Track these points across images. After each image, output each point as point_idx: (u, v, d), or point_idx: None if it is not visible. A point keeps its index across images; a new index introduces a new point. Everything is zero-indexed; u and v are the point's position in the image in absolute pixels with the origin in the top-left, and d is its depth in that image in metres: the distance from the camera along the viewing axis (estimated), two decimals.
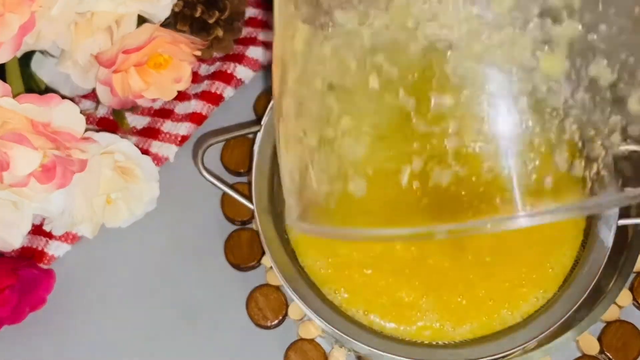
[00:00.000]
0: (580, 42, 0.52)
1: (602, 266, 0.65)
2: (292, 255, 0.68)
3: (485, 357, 0.64)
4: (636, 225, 0.68)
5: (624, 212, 0.68)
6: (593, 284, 0.65)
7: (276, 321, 0.70)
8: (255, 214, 0.68)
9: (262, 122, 0.71)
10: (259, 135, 0.70)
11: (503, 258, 0.67)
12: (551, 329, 0.64)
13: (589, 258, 0.66)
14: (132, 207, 0.72)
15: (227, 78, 0.78)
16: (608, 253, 0.66)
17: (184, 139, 0.77)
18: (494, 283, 0.66)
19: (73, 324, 0.72)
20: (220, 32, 0.76)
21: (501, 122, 0.52)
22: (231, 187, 0.70)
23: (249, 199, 0.69)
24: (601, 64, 0.52)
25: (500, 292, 0.66)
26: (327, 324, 0.65)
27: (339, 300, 0.67)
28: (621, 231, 0.68)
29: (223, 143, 0.76)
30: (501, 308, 0.66)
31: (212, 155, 0.76)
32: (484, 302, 0.66)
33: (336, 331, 0.65)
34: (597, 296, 0.67)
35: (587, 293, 0.65)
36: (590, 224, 0.67)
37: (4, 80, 0.66)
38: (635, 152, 0.53)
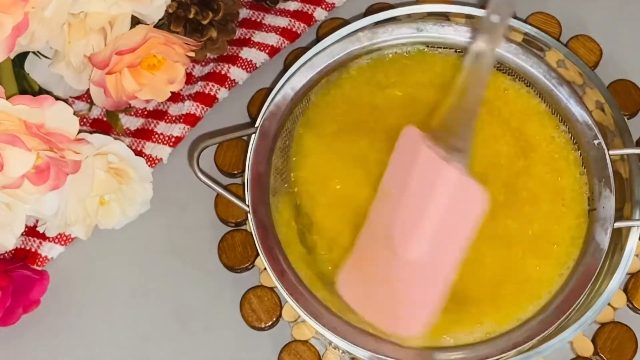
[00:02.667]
0: None
1: (598, 269, 0.66)
2: (285, 257, 0.68)
3: (480, 359, 0.64)
4: (630, 227, 0.68)
5: (620, 215, 0.68)
6: (588, 287, 0.65)
7: (270, 322, 0.70)
8: (250, 215, 0.68)
9: (257, 124, 0.71)
10: (254, 137, 0.70)
11: (497, 265, 0.67)
12: (545, 332, 0.64)
13: (584, 261, 0.66)
14: (125, 208, 0.72)
15: (220, 79, 0.78)
16: (603, 256, 0.66)
17: (178, 140, 0.77)
18: (488, 289, 0.66)
19: (66, 326, 0.72)
20: (214, 33, 0.76)
21: None
22: (226, 188, 0.70)
23: (243, 200, 0.69)
24: None
25: (496, 298, 0.66)
26: (321, 326, 0.65)
27: (333, 301, 0.67)
28: (616, 233, 0.68)
29: (217, 145, 0.76)
30: (497, 313, 0.66)
31: (206, 156, 0.76)
32: (480, 308, 0.66)
33: (330, 333, 0.65)
34: (591, 297, 0.67)
35: (582, 296, 0.65)
36: (587, 227, 0.68)
37: None
38: None
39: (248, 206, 0.68)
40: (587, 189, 0.69)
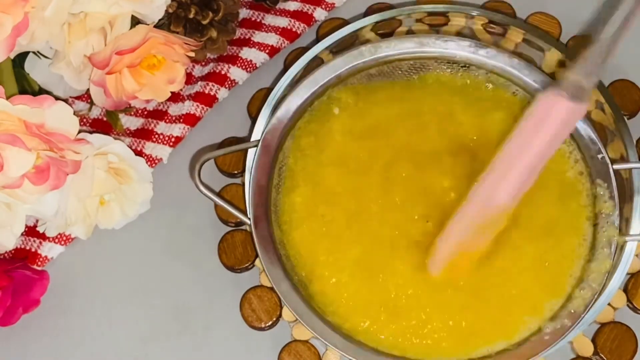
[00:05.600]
0: None
1: (604, 281, 0.66)
2: (287, 268, 0.68)
3: None
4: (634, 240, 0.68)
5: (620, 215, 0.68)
6: (595, 298, 0.66)
7: (270, 322, 0.70)
8: (252, 228, 0.68)
9: (259, 138, 0.70)
10: (257, 151, 0.70)
11: (504, 286, 0.67)
12: (547, 348, 0.65)
13: (589, 279, 0.66)
14: (125, 208, 0.72)
15: (220, 79, 0.78)
16: (609, 268, 0.66)
17: (178, 140, 0.77)
18: (496, 311, 0.67)
19: (67, 326, 0.72)
20: (214, 33, 0.76)
21: None
22: (229, 202, 0.70)
23: (245, 212, 0.69)
24: None
25: (503, 317, 0.66)
26: (316, 332, 0.65)
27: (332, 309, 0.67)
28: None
29: (217, 144, 0.76)
30: (502, 331, 0.66)
31: None
32: (486, 327, 0.66)
33: (324, 342, 0.65)
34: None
35: (586, 311, 0.65)
36: (592, 239, 0.68)
37: None
38: None
39: (250, 219, 0.69)
40: (591, 201, 0.69)
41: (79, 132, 0.66)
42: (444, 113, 0.72)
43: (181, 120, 0.77)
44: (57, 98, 0.66)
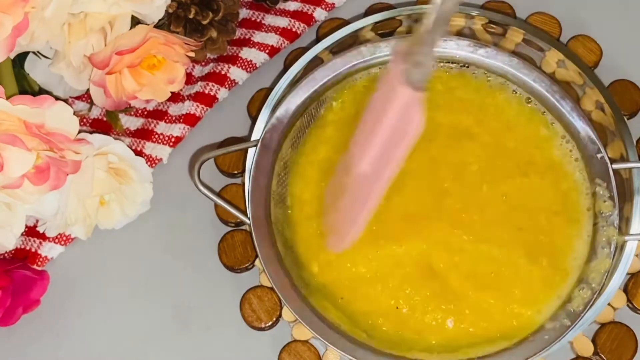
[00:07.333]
0: None
1: (603, 282, 0.66)
2: (287, 269, 0.68)
3: None
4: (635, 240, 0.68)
5: (620, 215, 0.68)
6: (593, 300, 0.66)
7: (270, 323, 0.70)
8: (251, 228, 0.68)
9: (259, 137, 0.70)
10: (256, 150, 0.70)
11: (503, 285, 0.67)
12: (547, 347, 0.65)
13: (588, 278, 0.66)
14: (125, 208, 0.72)
15: (220, 79, 0.78)
16: (609, 268, 0.66)
17: (178, 140, 0.77)
18: (495, 310, 0.67)
19: (66, 326, 0.72)
20: (214, 33, 0.76)
21: None
22: (228, 202, 0.70)
23: (244, 212, 0.69)
24: None
25: (500, 316, 0.67)
26: (327, 343, 0.65)
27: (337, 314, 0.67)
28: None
29: (217, 144, 0.76)
30: (501, 330, 0.66)
31: None
32: (485, 326, 0.66)
33: (332, 347, 0.65)
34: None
35: (586, 310, 0.65)
36: (591, 239, 0.68)
37: None
38: None
39: (249, 219, 0.69)
40: (591, 201, 0.69)
41: (79, 132, 0.66)
42: (443, 104, 0.73)
43: (181, 120, 0.77)
44: (57, 98, 0.66)
